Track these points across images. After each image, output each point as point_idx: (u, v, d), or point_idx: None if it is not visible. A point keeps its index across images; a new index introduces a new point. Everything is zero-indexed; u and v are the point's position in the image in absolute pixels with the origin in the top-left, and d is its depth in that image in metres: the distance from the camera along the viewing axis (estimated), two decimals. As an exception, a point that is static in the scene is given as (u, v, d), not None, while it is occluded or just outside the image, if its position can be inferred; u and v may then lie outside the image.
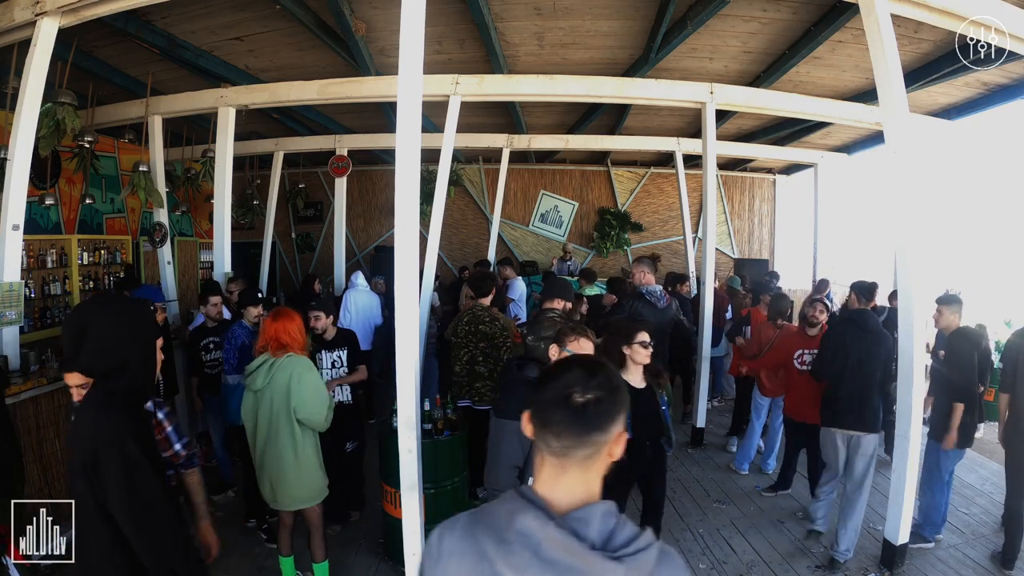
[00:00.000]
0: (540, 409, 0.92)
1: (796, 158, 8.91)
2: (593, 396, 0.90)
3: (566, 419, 0.89)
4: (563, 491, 0.90)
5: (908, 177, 3.19)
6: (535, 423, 0.93)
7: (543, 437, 0.91)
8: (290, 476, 2.69)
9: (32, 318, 5.47)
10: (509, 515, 0.85)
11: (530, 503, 0.86)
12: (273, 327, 2.71)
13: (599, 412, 0.90)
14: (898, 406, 3.26)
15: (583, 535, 0.83)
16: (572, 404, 0.89)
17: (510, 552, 0.82)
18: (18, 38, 3.68)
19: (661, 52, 4.62)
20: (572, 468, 0.90)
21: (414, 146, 2.49)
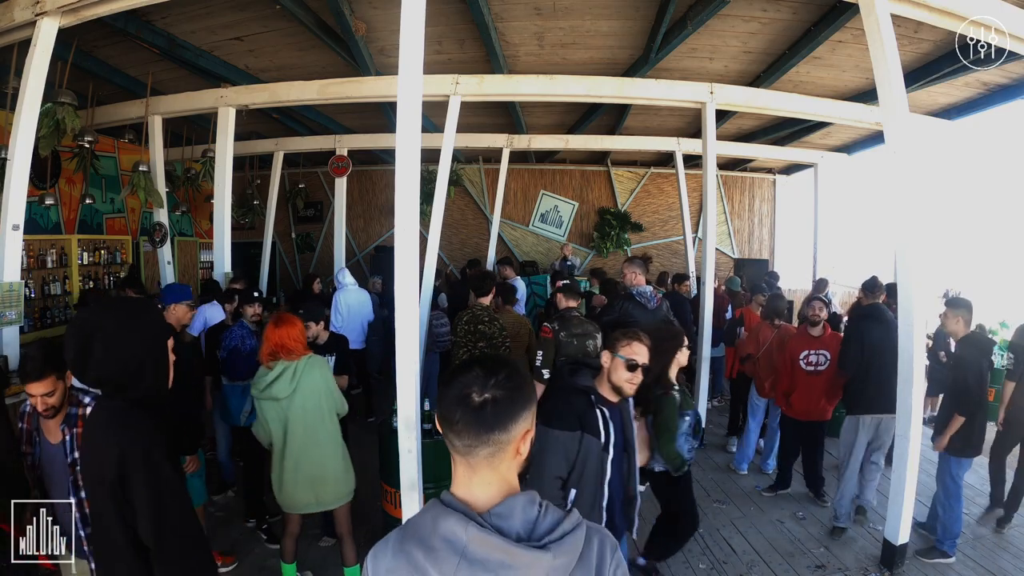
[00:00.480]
0: (442, 408, 0.92)
1: (796, 158, 8.91)
2: (491, 395, 0.89)
3: (465, 419, 0.89)
4: (479, 489, 0.90)
5: (908, 177, 3.19)
6: (440, 423, 0.93)
7: (447, 437, 0.91)
8: (333, 473, 2.71)
9: (32, 318, 5.48)
10: (433, 522, 0.85)
11: (449, 507, 0.87)
12: (277, 334, 2.68)
13: (497, 412, 0.89)
14: (898, 406, 3.26)
15: (506, 530, 0.84)
16: (470, 404, 0.89)
17: (438, 559, 0.83)
18: (18, 38, 3.69)
19: (661, 52, 4.62)
20: (480, 467, 0.90)
21: (414, 146, 2.49)
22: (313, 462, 2.67)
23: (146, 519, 1.30)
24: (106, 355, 1.34)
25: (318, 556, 3.29)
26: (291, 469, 2.67)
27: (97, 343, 1.33)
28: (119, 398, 1.38)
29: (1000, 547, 3.52)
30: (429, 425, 3.18)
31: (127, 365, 1.36)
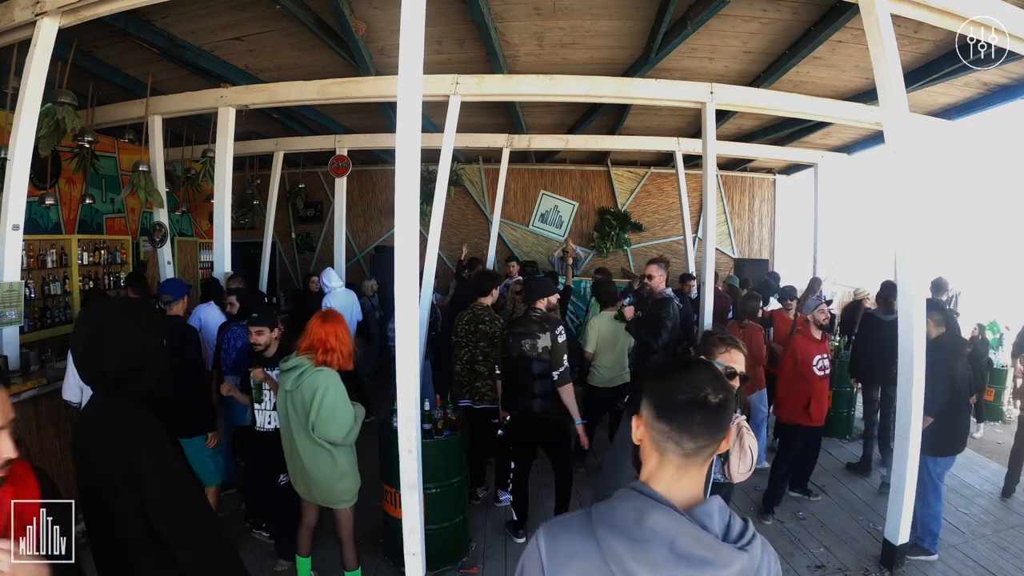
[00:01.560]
0: (673, 411, 0.92)
1: (796, 158, 8.90)
2: (724, 396, 0.92)
3: (705, 420, 0.90)
4: (684, 489, 0.92)
5: (908, 177, 3.19)
6: (662, 426, 0.92)
7: (674, 438, 0.91)
8: (315, 475, 2.70)
9: (32, 318, 5.48)
10: (638, 513, 0.86)
11: (657, 502, 0.88)
12: (323, 328, 2.66)
13: (728, 411, 0.93)
14: (898, 406, 3.26)
15: (710, 528, 0.87)
16: (709, 405, 0.90)
17: (645, 550, 0.84)
18: (18, 38, 3.68)
19: (661, 52, 4.62)
20: (695, 467, 0.93)
21: (414, 146, 2.49)
22: (299, 459, 2.69)
23: (161, 510, 1.34)
24: (112, 351, 1.38)
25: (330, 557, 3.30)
26: (288, 459, 2.75)
27: (104, 339, 1.38)
28: (119, 394, 1.41)
29: (1000, 547, 3.53)
30: (429, 425, 3.18)
31: (130, 361, 1.41)
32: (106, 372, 1.40)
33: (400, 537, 2.71)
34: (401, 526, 2.70)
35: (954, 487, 4.41)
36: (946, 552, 3.47)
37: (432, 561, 3.09)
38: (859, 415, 5.77)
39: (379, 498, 3.43)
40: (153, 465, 1.34)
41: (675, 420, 0.91)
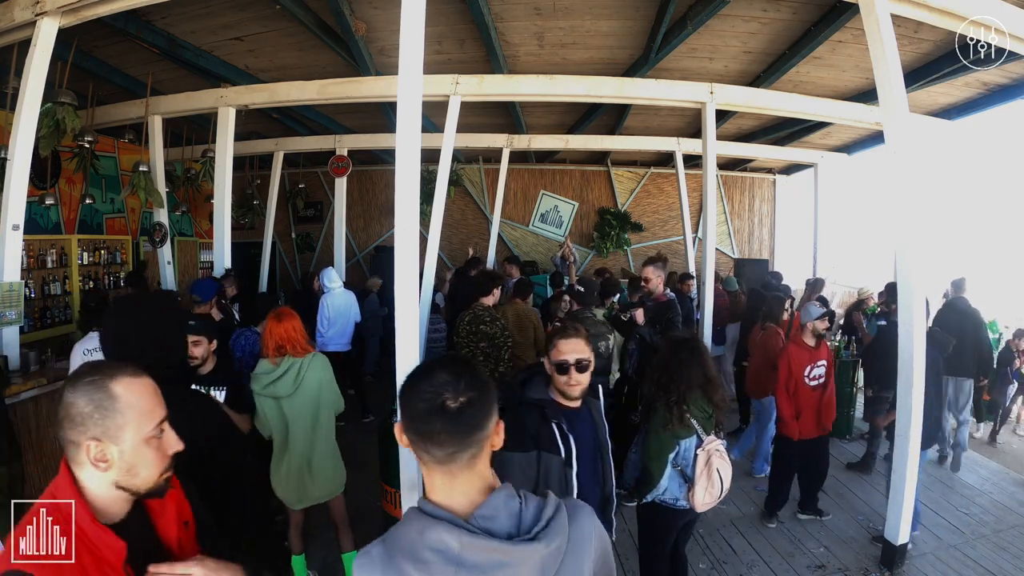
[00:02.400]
0: (414, 420, 0.88)
1: (796, 158, 8.91)
2: (466, 398, 0.87)
3: (446, 427, 0.86)
4: (461, 494, 0.88)
5: (908, 177, 3.19)
6: (411, 436, 0.89)
7: (425, 449, 0.87)
8: (327, 471, 2.76)
9: (32, 318, 5.48)
10: (419, 535, 0.83)
11: (433, 517, 0.84)
12: (282, 328, 2.71)
13: (475, 412, 0.87)
14: (898, 406, 3.26)
15: (495, 530, 0.83)
16: (448, 410, 0.86)
17: (432, 572, 0.81)
18: (18, 38, 3.69)
19: (661, 52, 4.62)
20: (461, 472, 0.88)
21: (414, 146, 2.49)
22: (319, 458, 2.72)
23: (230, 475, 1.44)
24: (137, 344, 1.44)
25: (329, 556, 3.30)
26: (293, 465, 2.71)
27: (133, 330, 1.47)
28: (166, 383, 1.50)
29: (1000, 547, 3.52)
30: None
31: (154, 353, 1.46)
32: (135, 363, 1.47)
33: (400, 537, 2.71)
34: (401, 526, 2.70)
35: (954, 487, 4.41)
36: (946, 552, 3.47)
37: (432, 561, 3.09)
38: (858, 415, 5.78)
39: (379, 498, 3.42)
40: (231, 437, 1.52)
41: (417, 430, 0.88)
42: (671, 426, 2.31)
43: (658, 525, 2.47)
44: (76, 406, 0.91)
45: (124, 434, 0.93)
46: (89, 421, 0.91)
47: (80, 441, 0.91)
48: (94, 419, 0.91)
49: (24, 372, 3.61)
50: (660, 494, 2.37)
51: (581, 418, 1.94)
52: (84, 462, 0.93)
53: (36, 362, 3.83)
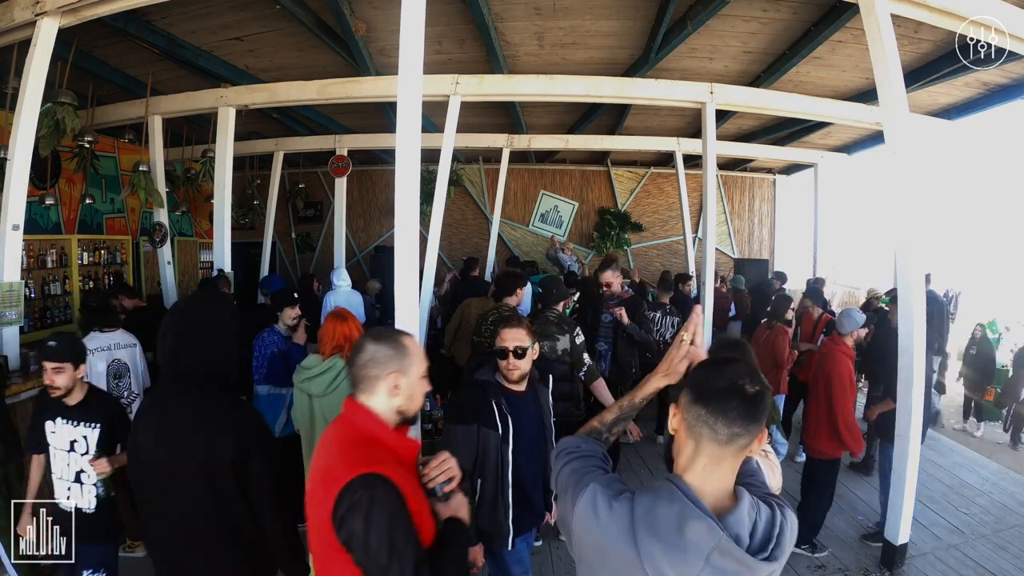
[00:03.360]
0: (710, 397, 0.96)
1: (796, 158, 8.91)
2: (760, 389, 0.96)
3: (741, 407, 0.94)
4: (716, 481, 0.96)
5: (908, 177, 3.19)
6: (699, 410, 0.96)
7: (710, 424, 0.95)
8: None
9: (32, 318, 5.47)
10: (679, 519, 0.89)
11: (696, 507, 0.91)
12: (346, 326, 2.70)
13: (764, 404, 0.96)
14: (898, 406, 3.26)
15: (743, 540, 0.90)
16: (746, 393, 0.94)
17: (684, 561, 0.88)
18: (18, 38, 3.68)
19: (661, 52, 4.62)
20: (728, 458, 0.96)
21: (414, 146, 2.49)
22: None
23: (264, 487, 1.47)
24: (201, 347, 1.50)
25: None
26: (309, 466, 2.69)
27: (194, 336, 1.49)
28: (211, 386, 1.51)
29: (1000, 547, 3.53)
30: (429, 425, 3.18)
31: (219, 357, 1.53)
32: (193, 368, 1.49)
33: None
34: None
35: (954, 487, 4.41)
36: (946, 552, 3.47)
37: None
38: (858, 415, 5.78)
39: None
40: (265, 448, 1.50)
41: (711, 403, 0.95)
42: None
43: None
44: (381, 351, 1.29)
45: (411, 370, 1.30)
46: (391, 361, 1.28)
47: (381, 375, 1.27)
48: (395, 359, 1.29)
49: (24, 372, 3.61)
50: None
51: (525, 402, 2.14)
52: (380, 391, 1.28)
53: (36, 362, 3.82)
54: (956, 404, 6.69)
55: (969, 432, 6.07)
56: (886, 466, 3.50)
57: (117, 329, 3.53)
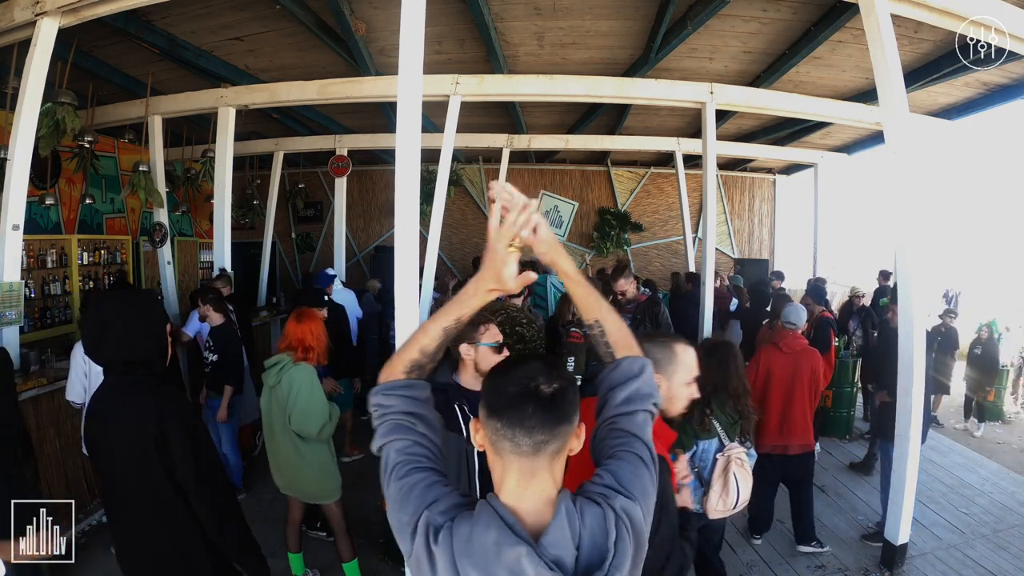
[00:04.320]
0: (503, 408, 0.86)
1: (796, 158, 8.91)
2: (559, 385, 0.86)
3: (539, 412, 0.84)
4: (533, 496, 0.86)
5: (908, 177, 3.19)
6: (495, 424, 0.86)
7: (510, 438, 0.85)
8: (295, 470, 2.75)
9: (32, 318, 5.48)
10: (496, 548, 0.79)
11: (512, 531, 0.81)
12: (300, 329, 2.76)
13: (567, 400, 0.87)
14: (898, 406, 3.26)
15: (565, 561, 0.80)
16: (541, 396, 0.85)
17: None
18: (18, 38, 3.68)
19: (661, 52, 4.62)
20: (542, 469, 0.86)
21: (414, 146, 2.49)
22: (278, 451, 2.75)
23: (187, 466, 1.55)
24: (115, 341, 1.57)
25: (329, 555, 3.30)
26: (269, 452, 2.79)
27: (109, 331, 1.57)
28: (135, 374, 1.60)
29: (1000, 547, 3.53)
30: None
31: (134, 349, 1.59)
32: (113, 359, 1.59)
33: (400, 537, 2.71)
34: (401, 526, 2.69)
35: (954, 487, 4.42)
36: (946, 552, 3.47)
37: (432, 561, 3.09)
38: (858, 415, 5.79)
39: (379, 498, 3.42)
40: (181, 432, 1.55)
41: (505, 415, 0.85)
42: (692, 425, 2.31)
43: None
44: (652, 353, 1.37)
45: (676, 376, 1.51)
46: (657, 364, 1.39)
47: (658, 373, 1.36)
48: (660, 362, 1.46)
49: (24, 372, 3.61)
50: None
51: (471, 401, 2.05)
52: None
53: (36, 362, 3.82)
54: (956, 404, 6.69)
55: (969, 432, 6.07)
56: (887, 466, 3.50)
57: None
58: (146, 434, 1.52)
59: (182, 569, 1.60)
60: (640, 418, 1.02)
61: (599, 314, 1.14)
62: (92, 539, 3.42)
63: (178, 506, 1.56)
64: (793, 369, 3.31)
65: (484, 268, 1.00)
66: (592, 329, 1.14)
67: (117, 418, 1.57)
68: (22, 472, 2.73)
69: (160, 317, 1.70)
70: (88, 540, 3.41)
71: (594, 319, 1.14)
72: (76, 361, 3.13)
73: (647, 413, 1.03)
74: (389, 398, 1.02)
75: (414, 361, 1.07)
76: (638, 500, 0.89)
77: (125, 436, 1.54)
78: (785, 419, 3.28)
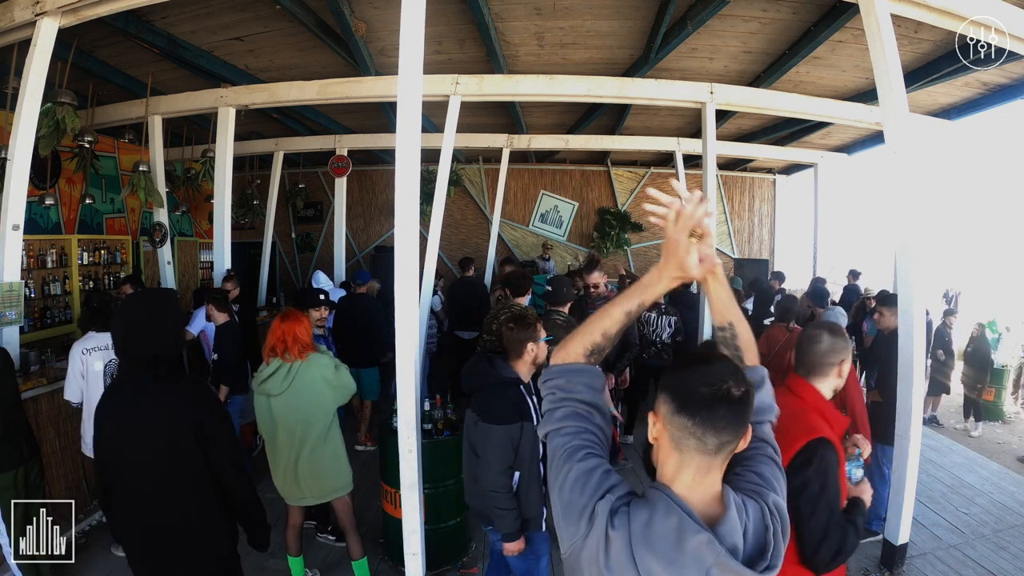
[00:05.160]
0: (696, 407, 0.88)
1: (796, 158, 8.91)
2: (747, 388, 0.90)
3: (729, 414, 0.87)
4: (704, 489, 0.91)
5: (908, 177, 3.19)
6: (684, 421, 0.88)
7: (697, 436, 0.88)
8: (327, 468, 2.72)
9: (32, 318, 5.48)
10: (678, 535, 0.84)
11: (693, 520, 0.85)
12: (282, 328, 2.70)
13: (751, 405, 0.91)
14: (898, 406, 3.26)
15: (736, 548, 0.85)
16: (732, 397, 0.87)
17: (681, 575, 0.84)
18: (18, 38, 3.68)
19: (661, 52, 4.61)
20: (717, 466, 0.90)
21: (414, 146, 2.49)
22: (308, 458, 2.68)
23: (225, 453, 1.71)
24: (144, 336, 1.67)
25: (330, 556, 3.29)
26: (287, 465, 2.69)
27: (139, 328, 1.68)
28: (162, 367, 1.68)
29: (1000, 547, 3.53)
30: (429, 425, 3.18)
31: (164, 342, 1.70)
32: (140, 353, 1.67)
33: (400, 537, 2.71)
34: (401, 526, 2.70)
35: (954, 487, 4.41)
36: (946, 552, 3.47)
37: (432, 561, 3.09)
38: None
39: (379, 498, 3.43)
40: (220, 420, 1.72)
41: (698, 415, 0.87)
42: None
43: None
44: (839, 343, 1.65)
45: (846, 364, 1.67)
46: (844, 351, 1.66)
47: (835, 362, 1.65)
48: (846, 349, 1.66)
49: (24, 372, 3.60)
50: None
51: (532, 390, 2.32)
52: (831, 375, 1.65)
53: (36, 362, 3.82)
54: (956, 404, 6.69)
55: (969, 432, 6.07)
56: (884, 465, 3.50)
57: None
58: (182, 422, 1.63)
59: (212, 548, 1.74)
60: (767, 428, 1.09)
61: (734, 318, 1.16)
62: (92, 539, 3.43)
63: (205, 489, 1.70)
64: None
65: (667, 257, 1.02)
66: (724, 331, 1.16)
67: (148, 408, 1.65)
68: (27, 471, 2.73)
69: (177, 314, 1.84)
70: (88, 540, 3.41)
71: (728, 321, 1.16)
72: (73, 360, 3.13)
73: (771, 424, 1.10)
74: (572, 383, 1.04)
75: (596, 344, 1.07)
76: (780, 494, 0.97)
77: (156, 424, 1.63)
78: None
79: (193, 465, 1.67)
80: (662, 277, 1.03)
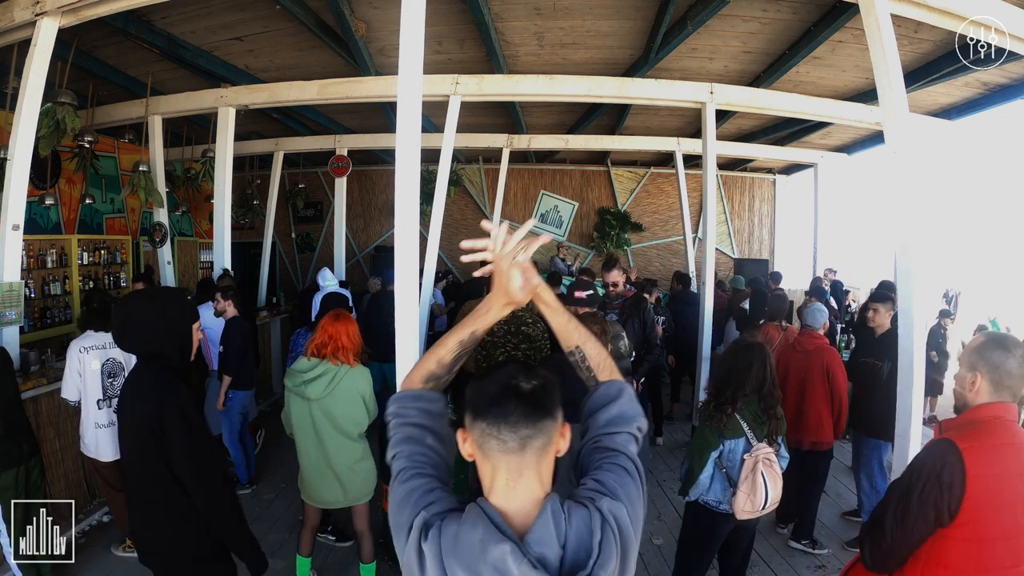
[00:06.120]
0: (486, 407, 0.89)
1: (796, 158, 8.91)
2: (538, 381, 0.90)
3: (520, 406, 0.87)
4: (522, 495, 0.88)
5: (908, 177, 3.19)
6: (480, 425, 0.89)
7: (496, 435, 0.87)
8: (359, 475, 2.73)
9: (32, 318, 5.48)
10: (482, 546, 0.81)
11: (498, 530, 0.83)
12: (335, 327, 2.70)
13: (548, 395, 0.90)
14: (898, 406, 3.25)
15: (549, 559, 0.82)
16: (522, 392, 0.88)
17: None
18: (18, 38, 3.68)
19: (661, 52, 4.62)
20: (529, 467, 0.88)
21: (414, 146, 2.49)
22: (339, 463, 2.69)
23: (182, 460, 1.64)
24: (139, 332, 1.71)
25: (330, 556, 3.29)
26: (316, 466, 2.70)
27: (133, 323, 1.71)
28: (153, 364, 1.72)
29: (1000, 547, 3.52)
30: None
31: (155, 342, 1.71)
32: (139, 349, 1.74)
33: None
34: (401, 526, 2.69)
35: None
36: (946, 552, 3.46)
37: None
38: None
39: (379, 498, 3.42)
40: (179, 423, 1.64)
41: (489, 412, 0.88)
42: (715, 423, 2.33)
43: (700, 526, 2.48)
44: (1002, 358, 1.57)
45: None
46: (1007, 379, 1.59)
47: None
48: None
49: (24, 372, 3.60)
50: (704, 493, 2.38)
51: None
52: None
53: (36, 362, 3.82)
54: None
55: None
56: (871, 460, 3.52)
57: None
58: (146, 423, 1.63)
59: (184, 548, 1.72)
60: (622, 438, 1.04)
61: (579, 341, 1.17)
62: (92, 539, 3.42)
63: (176, 491, 1.67)
64: (806, 366, 3.46)
65: (494, 288, 1.09)
66: (573, 355, 1.17)
67: (129, 403, 1.71)
68: (28, 469, 2.73)
69: (181, 314, 1.80)
70: (88, 540, 3.41)
71: (575, 345, 1.17)
72: (71, 359, 3.12)
73: (630, 435, 1.05)
74: (404, 408, 1.08)
75: (431, 372, 1.13)
76: (624, 502, 0.92)
77: (132, 421, 1.68)
78: (799, 416, 3.40)
79: (161, 465, 1.66)
80: (492, 306, 1.11)
